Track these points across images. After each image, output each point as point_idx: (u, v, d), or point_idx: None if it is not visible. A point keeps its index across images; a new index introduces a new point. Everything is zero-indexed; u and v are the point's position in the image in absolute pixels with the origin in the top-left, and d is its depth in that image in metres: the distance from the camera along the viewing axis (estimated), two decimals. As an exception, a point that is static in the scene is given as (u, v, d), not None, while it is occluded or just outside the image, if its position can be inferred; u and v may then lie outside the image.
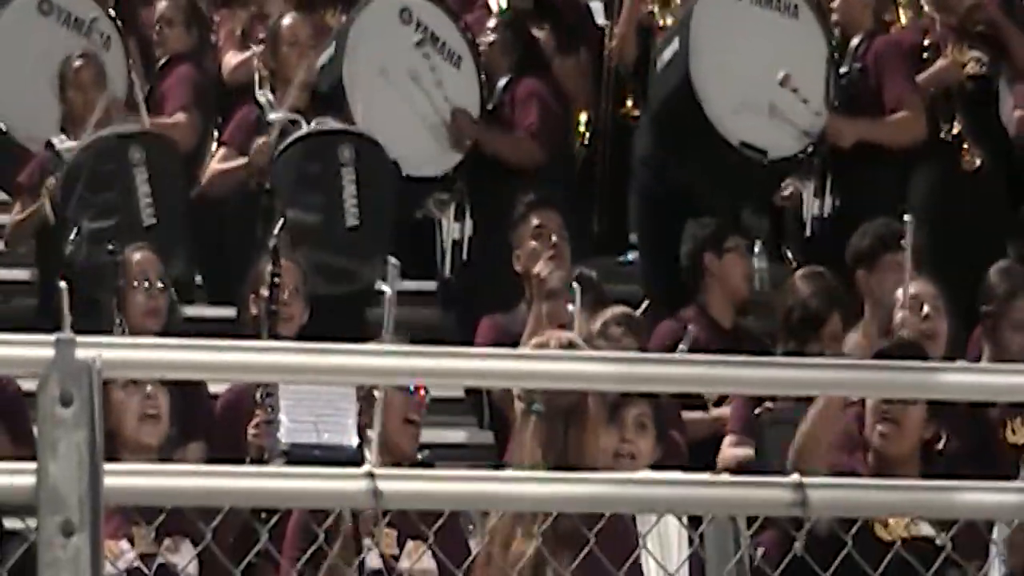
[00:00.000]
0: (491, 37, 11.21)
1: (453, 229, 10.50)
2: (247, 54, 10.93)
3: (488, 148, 10.73)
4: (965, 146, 10.58)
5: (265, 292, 8.52)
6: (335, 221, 9.85)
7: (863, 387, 6.23)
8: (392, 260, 7.83)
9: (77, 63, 10.32)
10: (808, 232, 10.44)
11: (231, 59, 11.10)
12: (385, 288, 7.51)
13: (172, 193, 10.04)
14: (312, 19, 10.86)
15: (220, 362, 4.64)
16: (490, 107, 10.89)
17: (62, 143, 10.05)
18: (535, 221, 9.50)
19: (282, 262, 8.65)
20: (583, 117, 11.23)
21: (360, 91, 10.40)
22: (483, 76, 10.88)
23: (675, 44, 10.42)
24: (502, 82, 11.03)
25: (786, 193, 10.56)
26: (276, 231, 8.40)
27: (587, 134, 11.16)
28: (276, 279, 8.58)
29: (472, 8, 11.73)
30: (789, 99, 10.34)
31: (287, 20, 10.67)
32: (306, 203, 9.70)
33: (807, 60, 10.50)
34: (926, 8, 11.16)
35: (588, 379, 4.80)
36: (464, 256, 10.44)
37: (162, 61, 11.16)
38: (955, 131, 10.61)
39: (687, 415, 8.63)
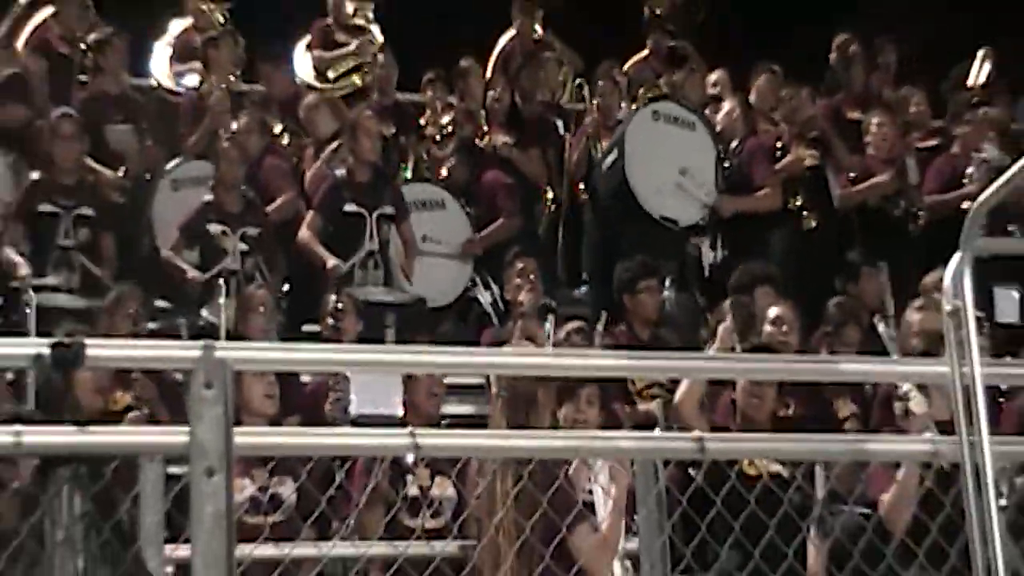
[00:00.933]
0: (450, 163, 10.99)
1: (486, 296, 10.31)
2: (318, 163, 10.59)
3: (490, 244, 10.58)
4: (805, 213, 10.65)
5: (331, 319, 8.52)
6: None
7: (766, 372, 6.31)
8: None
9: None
10: (707, 274, 10.49)
11: (310, 174, 10.68)
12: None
13: (277, 266, 9.90)
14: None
15: (311, 359, 4.68)
16: (469, 211, 10.68)
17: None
18: (519, 265, 9.49)
19: (342, 296, 8.66)
20: (550, 194, 11.14)
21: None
22: (463, 202, 10.65)
23: (614, 154, 10.43)
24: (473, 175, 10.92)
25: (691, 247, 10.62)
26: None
27: (552, 206, 11.10)
28: (339, 306, 8.56)
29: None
30: (692, 185, 10.37)
31: (365, 116, 10.39)
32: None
33: (703, 159, 10.51)
34: (779, 121, 11.24)
35: (560, 369, 4.88)
36: (502, 310, 10.08)
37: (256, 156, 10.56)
38: (799, 203, 10.67)
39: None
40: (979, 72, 12.37)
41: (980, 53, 12.39)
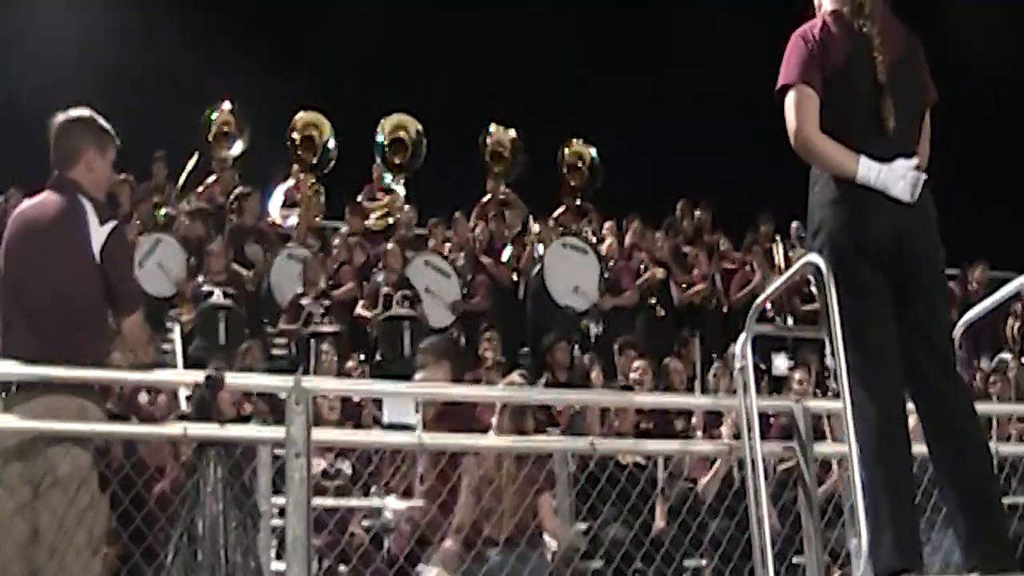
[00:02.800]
0: (459, 263, 10.82)
1: (461, 339, 10.11)
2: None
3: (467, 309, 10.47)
4: (657, 306, 10.63)
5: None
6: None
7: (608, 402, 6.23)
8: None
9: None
10: (593, 340, 10.42)
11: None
12: None
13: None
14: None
15: (357, 388, 4.62)
16: (466, 291, 10.57)
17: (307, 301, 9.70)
18: (487, 335, 9.36)
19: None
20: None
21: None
22: (460, 279, 10.49)
23: (539, 268, 10.42)
24: (468, 277, 10.76)
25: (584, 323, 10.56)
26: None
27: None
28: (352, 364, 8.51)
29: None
30: (585, 288, 10.34)
31: (390, 249, 10.26)
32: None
33: (591, 272, 10.47)
34: (640, 250, 11.25)
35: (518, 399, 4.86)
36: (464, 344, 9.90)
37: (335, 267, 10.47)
38: (653, 300, 10.64)
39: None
40: (764, 225, 12.48)
41: (763, 216, 12.46)
